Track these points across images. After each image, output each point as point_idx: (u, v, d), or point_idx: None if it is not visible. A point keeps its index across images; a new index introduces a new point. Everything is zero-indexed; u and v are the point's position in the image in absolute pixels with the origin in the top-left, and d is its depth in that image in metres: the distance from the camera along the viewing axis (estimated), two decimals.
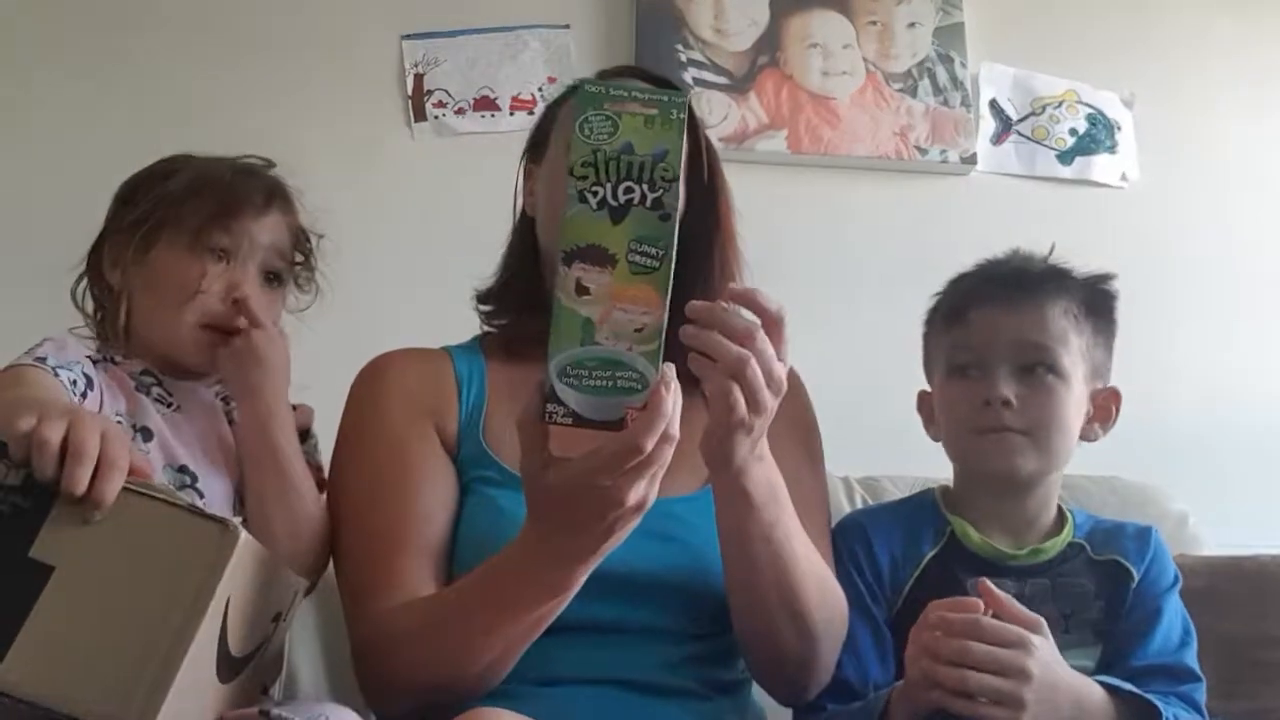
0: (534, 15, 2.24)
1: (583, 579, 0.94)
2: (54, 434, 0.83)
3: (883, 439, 1.63)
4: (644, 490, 0.86)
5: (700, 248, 1.20)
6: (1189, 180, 2.38)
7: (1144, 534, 1.29)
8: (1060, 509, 1.30)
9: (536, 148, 1.27)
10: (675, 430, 0.84)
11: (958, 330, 1.27)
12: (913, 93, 2.34)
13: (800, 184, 2.28)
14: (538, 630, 0.99)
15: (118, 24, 2.10)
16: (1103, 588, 1.23)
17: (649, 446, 0.82)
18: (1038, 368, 1.23)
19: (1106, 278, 1.31)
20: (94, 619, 0.79)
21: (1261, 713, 1.18)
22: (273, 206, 1.25)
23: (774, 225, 2.23)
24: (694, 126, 1.20)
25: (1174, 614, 1.24)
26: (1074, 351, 1.25)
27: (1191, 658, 1.21)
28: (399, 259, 2.07)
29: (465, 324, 1.31)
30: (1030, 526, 1.27)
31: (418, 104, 2.18)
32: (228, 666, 0.91)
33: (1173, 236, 2.34)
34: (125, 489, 0.84)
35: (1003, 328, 1.24)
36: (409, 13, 2.21)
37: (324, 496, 1.19)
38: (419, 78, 2.19)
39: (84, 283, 1.26)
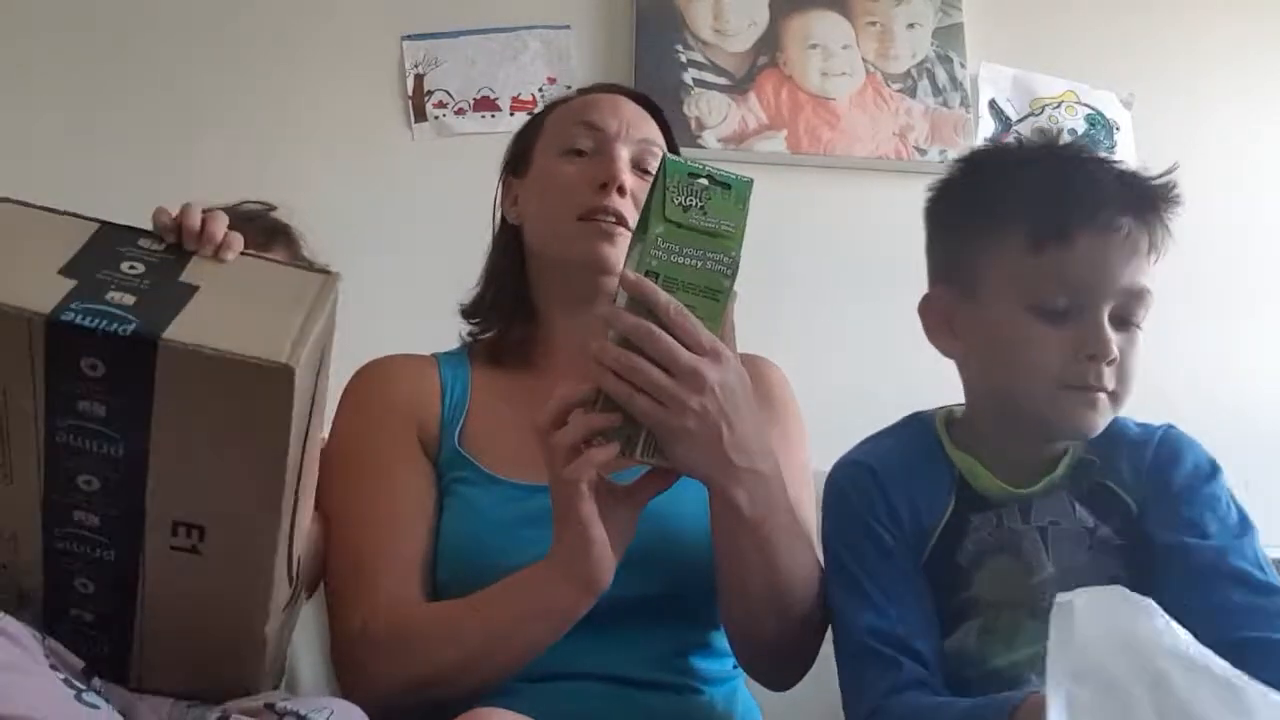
0: (534, 16, 2.25)
1: (607, 575, 1.00)
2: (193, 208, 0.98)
3: None
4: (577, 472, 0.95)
5: None
6: (1187, 181, 2.38)
7: (1142, 443, 1.11)
8: None
9: (518, 163, 1.30)
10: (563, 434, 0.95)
11: (1055, 257, 1.03)
12: (912, 93, 2.35)
13: (800, 184, 2.29)
14: (559, 632, 1.03)
15: (117, 26, 2.11)
16: (1107, 517, 1.08)
17: (544, 426, 0.97)
18: (1133, 320, 1.05)
19: (1173, 178, 1.12)
20: (237, 309, 0.91)
21: None
22: (271, 250, 1.29)
23: (773, 226, 2.23)
24: (665, 126, 1.30)
25: (1215, 506, 1.08)
26: None
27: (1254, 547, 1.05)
28: (399, 259, 2.08)
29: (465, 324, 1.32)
30: (1048, 459, 1.10)
31: (418, 104, 2.18)
32: (290, 567, 0.98)
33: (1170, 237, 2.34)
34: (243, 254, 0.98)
35: (1115, 267, 1.03)
36: (409, 13, 2.21)
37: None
38: (419, 78, 2.19)
39: None
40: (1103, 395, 1.04)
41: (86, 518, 0.90)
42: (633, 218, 1.20)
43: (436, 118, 2.19)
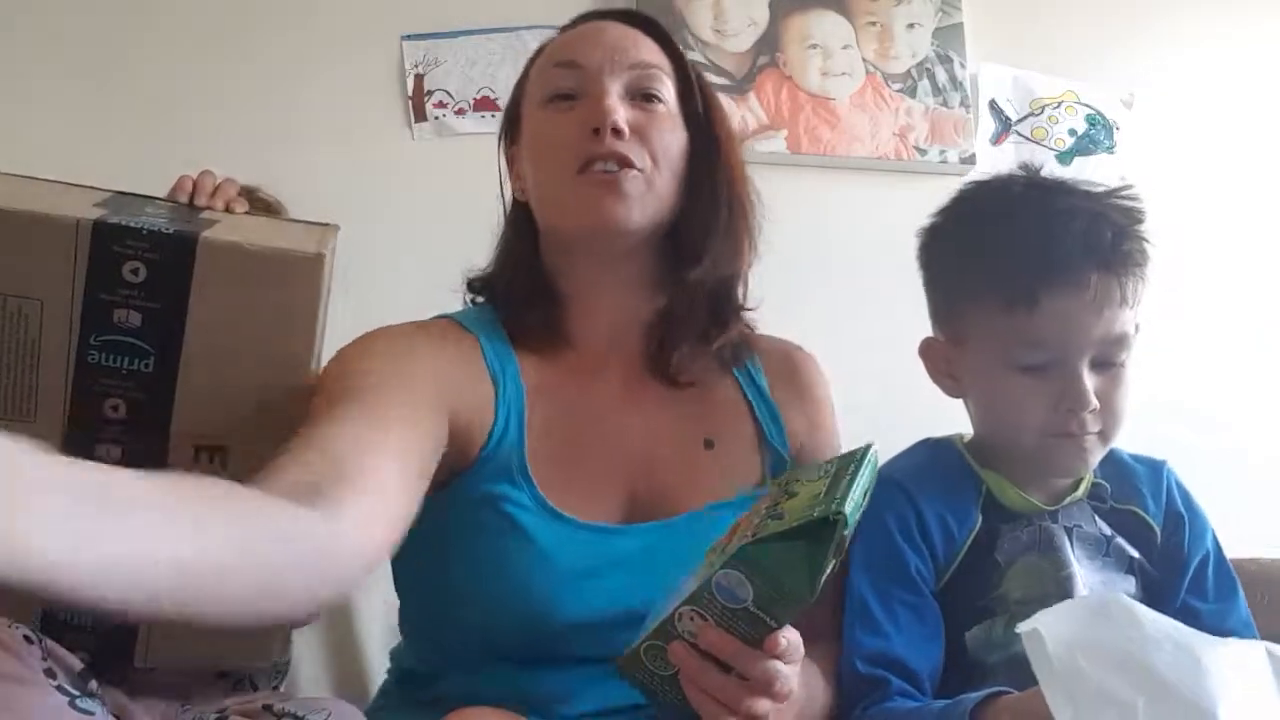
0: (534, 15, 2.24)
1: None
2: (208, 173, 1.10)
3: (883, 438, 1.63)
4: None
5: (700, 176, 1.15)
6: (1188, 181, 2.39)
7: (1156, 475, 1.19)
8: None
9: (512, 126, 1.20)
10: None
11: (1025, 319, 1.07)
12: (912, 93, 2.35)
13: (799, 184, 2.28)
14: None
15: (117, 25, 2.10)
16: (1128, 537, 1.15)
17: None
18: (1115, 363, 1.09)
19: (1141, 215, 1.12)
20: (257, 231, 0.98)
21: None
22: None
23: (773, 225, 2.22)
24: (667, 40, 1.19)
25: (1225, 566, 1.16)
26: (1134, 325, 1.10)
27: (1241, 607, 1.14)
28: (399, 260, 2.07)
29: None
30: (1069, 482, 1.17)
31: (418, 104, 2.18)
32: None
33: (1171, 238, 2.34)
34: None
35: (1086, 323, 1.06)
36: (409, 13, 2.21)
37: None
38: (419, 78, 2.19)
39: None
40: (1090, 437, 1.09)
41: (109, 452, 0.92)
42: (638, 157, 1.07)
43: (436, 118, 2.19)
